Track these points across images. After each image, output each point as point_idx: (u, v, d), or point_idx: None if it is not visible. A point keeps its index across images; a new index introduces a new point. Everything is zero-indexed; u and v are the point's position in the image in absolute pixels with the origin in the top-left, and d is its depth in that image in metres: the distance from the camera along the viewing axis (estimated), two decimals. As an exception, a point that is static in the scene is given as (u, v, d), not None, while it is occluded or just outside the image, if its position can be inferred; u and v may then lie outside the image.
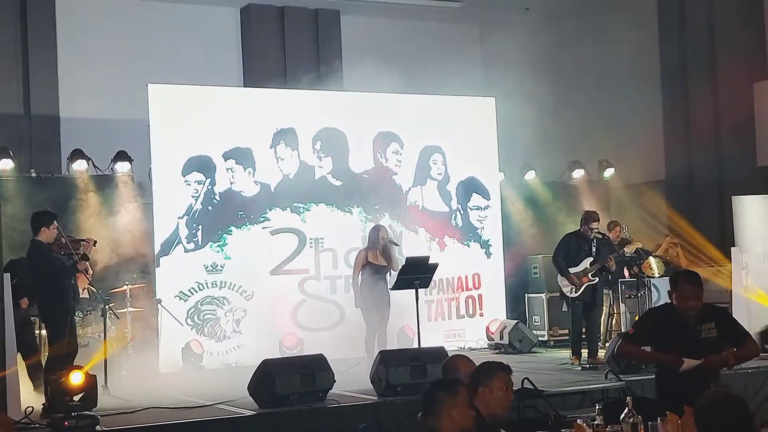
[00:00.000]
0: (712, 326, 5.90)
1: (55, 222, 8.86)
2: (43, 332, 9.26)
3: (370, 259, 10.35)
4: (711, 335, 5.89)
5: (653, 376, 6.36)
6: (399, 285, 10.05)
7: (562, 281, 10.66)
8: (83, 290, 9.46)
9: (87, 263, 9.34)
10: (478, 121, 13.24)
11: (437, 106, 12.97)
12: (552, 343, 12.87)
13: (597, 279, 10.57)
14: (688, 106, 14.75)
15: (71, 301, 8.91)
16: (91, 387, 7.56)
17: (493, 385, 4.65)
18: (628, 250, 11.69)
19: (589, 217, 10.66)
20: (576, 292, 10.51)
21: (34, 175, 11.55)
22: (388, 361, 8.21)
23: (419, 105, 12.85)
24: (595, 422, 4.67)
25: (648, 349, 6.20)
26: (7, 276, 7.96)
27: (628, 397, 4.69)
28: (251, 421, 7.59)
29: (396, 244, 10.89)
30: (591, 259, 10.52)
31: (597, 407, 4.80)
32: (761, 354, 10.11)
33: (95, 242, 9.62)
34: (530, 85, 14.46)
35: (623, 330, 11.66)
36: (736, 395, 3.37)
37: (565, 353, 11.06)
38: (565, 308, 11.26)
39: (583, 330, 10.72)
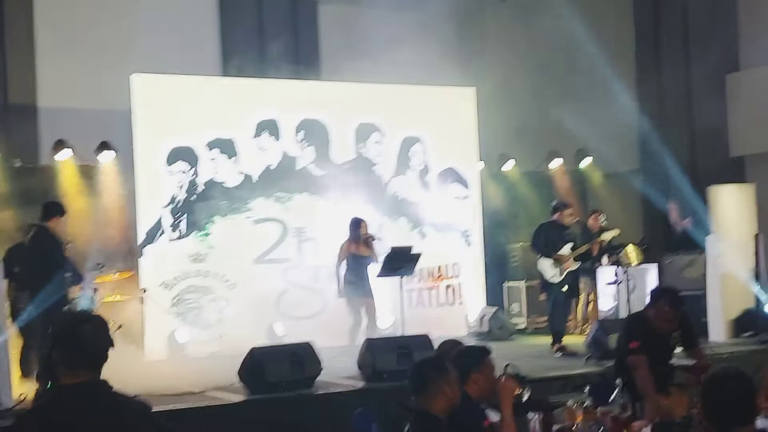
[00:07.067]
0: (678, 333, 6.34)
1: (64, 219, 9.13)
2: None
3: (351, 250, 10.50)
4: (677, 341, 6.40)
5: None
6: (383, 273, 10.23)
7: (543, 266, 10.62)
8: None
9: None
10: (457, 112, 13.35)
11: (417, 97, 13.06)
12: (530, 330, 13.05)
13: (578, 265, 10.72)
14: (663, 96, 14.97)
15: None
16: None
17: (484, 370, 4.77)
18: (605, 238, 11.83)
19: (561, 206, 10.80)
20: (560, 276, 10.51)
21: (18, 164, 11.53)
22: (375, 349, 8.36)
23: (399, 95, 12.94)
24: (585, 404, 4.83)
25: None
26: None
27: (617, 379, 4.85)
28: (240, 407, 7.68)
29: (377, 239, 10.98)
30: (572, 245, 10.64)
31: (586, 389, 4.96)
32: (738, 340, 10.54)
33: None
34: (508, 75, 14.60)
35: (600, 317, 11.86)
36: (741, 370, 3.53)
37: (545, 340, 11.18)
38: (542, 297, 11.40)
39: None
